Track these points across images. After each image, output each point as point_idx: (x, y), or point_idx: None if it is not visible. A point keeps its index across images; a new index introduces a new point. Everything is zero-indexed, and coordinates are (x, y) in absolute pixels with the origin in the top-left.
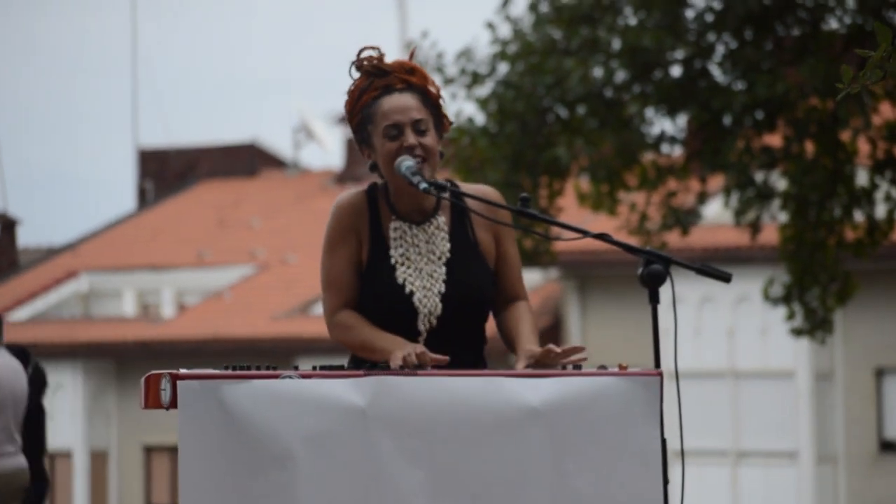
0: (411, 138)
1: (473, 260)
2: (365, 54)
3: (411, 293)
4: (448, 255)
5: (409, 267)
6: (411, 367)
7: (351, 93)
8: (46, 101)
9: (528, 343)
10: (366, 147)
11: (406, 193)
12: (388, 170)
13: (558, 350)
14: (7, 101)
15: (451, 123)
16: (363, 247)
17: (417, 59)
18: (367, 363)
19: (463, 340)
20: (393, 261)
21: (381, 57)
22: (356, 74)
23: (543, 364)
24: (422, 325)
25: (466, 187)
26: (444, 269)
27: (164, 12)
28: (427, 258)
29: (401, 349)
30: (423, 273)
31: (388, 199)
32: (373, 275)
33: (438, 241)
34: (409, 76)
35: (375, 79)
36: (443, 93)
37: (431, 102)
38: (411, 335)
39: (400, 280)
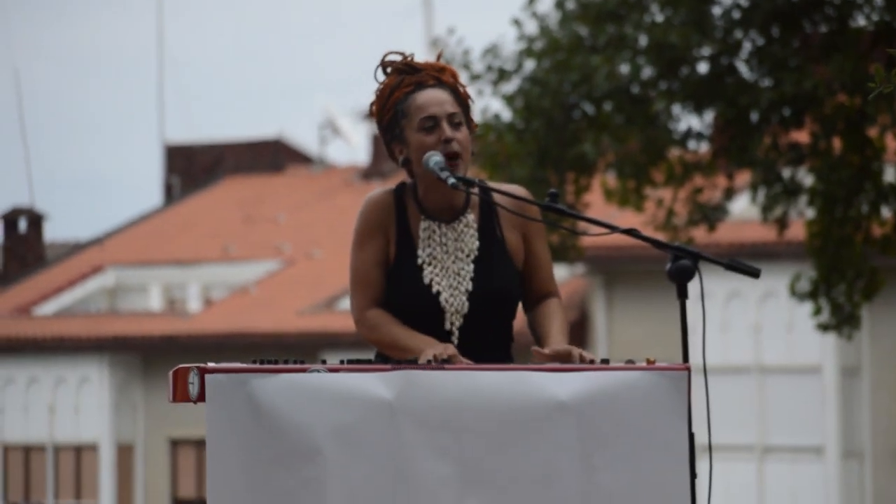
0: (448, 131)
1: (500, 258)
2: (390, 58)
3: (438, 293)
4: (476, 252)
5: (436, 266)
6: (439, 362)
7: (381, 91)
8: (73, 97)
9: (556, 341)
10: (398, 143)
11: (436, 191)
12: (421, 164)
13: (578, 358)
14: (34, 98)
15: (476, 126)
16: (390, 245)
17: (444, 57)
18: (394, 361)
19: (489, 338)
20: (420, 261)
21: (409, 56)
22: (381, 77)
23: (562, 361)
24: (448, 324)
25: (497, 187)
26: (471, 266)
27: (190, 8)
28: (455, 256)
29: (431, 348)
30: (450, 272)
31: (416, 198)
32: (399, 274)
33: (467, 238)
34: (439, 74)
35: (406, 76)
36: (470, 90)
37: (461, 101)
38: (438, 334)
39: (427, 280)
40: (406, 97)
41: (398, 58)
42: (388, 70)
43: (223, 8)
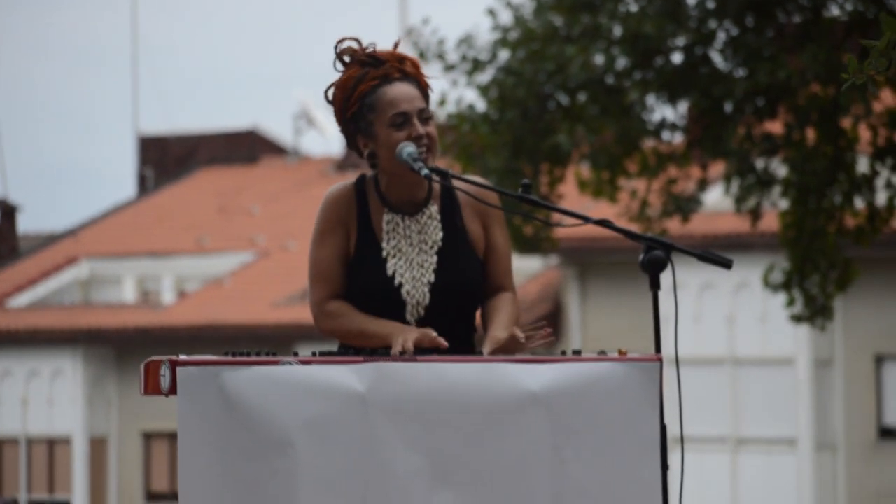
0: (420, 128)
1: (463, 249)
2: (345, 45)
3: (400, 285)
4: (440, 243)
5: (400, 259)
6: (410, 354)
7: (343, 82)
8: (47, 87)
9: (498, 330)
10: (363, 137)
11: (399, 183)
12: (390, 159)
13: (521, 338)
14: (8, 88)
15: (433, 114)
16: (351, 239)
17: (418, 47)
18: (362, 350)
19: (451, 329)
20: (385, 253)
21: (365, 47)
22: (341, 66)
23: (510, 351)
24: (409, 316)
25: (460, 177)
26: (435, 258)
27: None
28: (419, 248)
29: (401, 334)
30: (413, 263)
31: (378, 191)
32: (361, 267)
33: (431, 230)
34: (402, 65)
35: (371, 68)
36: (444, 81)
37: (424, 92)
38: None
39: (389, 272)
40: (373, 90)
41: (353, 44)
42: (348, 59)
43: None
